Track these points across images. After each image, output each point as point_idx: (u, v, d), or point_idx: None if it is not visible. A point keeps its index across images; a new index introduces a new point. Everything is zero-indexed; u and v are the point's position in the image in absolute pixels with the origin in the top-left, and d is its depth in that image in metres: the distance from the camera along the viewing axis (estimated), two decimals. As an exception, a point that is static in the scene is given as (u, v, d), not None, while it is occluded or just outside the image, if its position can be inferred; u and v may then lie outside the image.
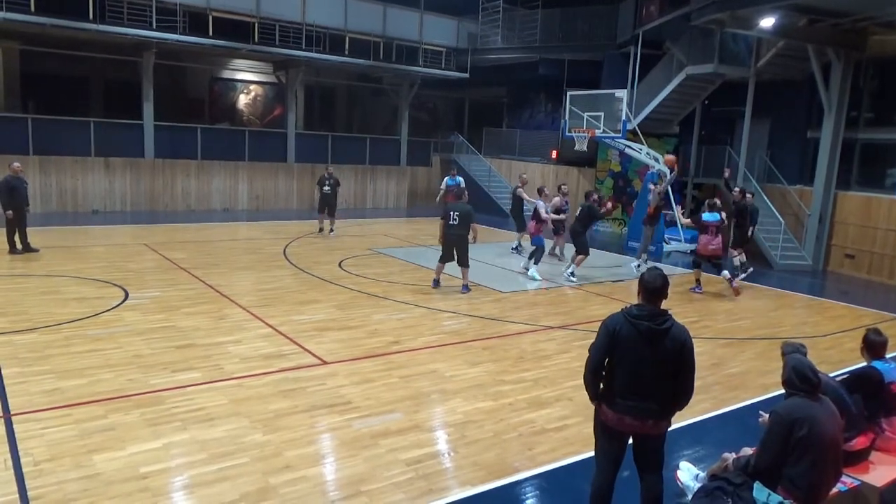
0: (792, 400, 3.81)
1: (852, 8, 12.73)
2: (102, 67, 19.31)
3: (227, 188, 19.52)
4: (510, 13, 21.84)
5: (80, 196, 17.06)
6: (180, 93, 21.43)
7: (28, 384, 5.87)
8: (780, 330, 9.57)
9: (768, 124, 17.21)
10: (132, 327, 7.72)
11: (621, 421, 3.79)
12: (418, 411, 5.85)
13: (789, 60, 15.59)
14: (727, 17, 13.29)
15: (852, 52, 14.16)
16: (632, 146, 17.09)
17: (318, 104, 25.08)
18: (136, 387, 5.98)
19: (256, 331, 7.89)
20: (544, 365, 7.30)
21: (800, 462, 3.67)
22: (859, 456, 4.43)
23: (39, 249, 11.60)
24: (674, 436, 4.63)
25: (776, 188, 16.38)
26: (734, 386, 7.06)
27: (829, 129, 14.50)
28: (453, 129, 26.20)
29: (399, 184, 23.29)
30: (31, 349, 6.78)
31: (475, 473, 4.81)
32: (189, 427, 5.22)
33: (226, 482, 4.46)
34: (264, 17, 17.88)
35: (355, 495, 4.41)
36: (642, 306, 3.80)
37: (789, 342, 4.44)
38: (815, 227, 15.10)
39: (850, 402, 4.43)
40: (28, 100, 18.78)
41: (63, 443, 4.85)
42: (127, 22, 15.95)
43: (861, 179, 15.31)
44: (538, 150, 22.87)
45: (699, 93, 17.92)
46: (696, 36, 16.50)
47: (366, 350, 7.42)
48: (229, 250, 13.24)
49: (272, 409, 5.68)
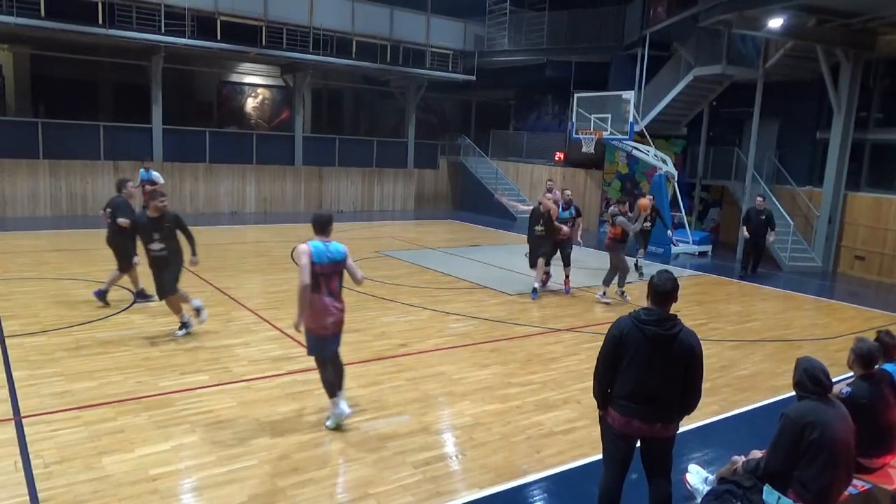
0: (803, 402, 3.78)
1: (861, 8, 12.65)
2: (111, 71, 19.42)
3: (235, 191, 19.60)
4: (517, 15, 21.83)
5: (89, 199, 17.15)
6: (189, 96, 21.53)
7: (38, 387, 5.91)
8: (789, 332, 9.52)
9: (777, 125, 17.13)
10: (141, 330, 7.75)
11: (629, 424, 3.77)
12: (426, 414, 5.85)
13: (798, 61, 15.50)
14: (735, 17, 13.23)
15: (861, 53, 14.08)
16: (639, 148, 17.05)
17: (326, 107, 25.14)
18: (146, 389, 6.00)
19: (264, 333, 7.91)
20: (552, 367, 7.28)
21: (811, 465, 3.64)
22: (879, 469, 4.39)
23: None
24: (683, 438, 4.61)
25: (785, 189, 16.30)
26: (744, 388, 7.02)
27: (839, 130, 14.41)
28: (460, 132, 26.21)
29: (406, 186, 23.31)
30: (41, 352, 6.82)
31: (483, 476, 4.80)
32: (198, 429, 5.23)
33: (234, 484, 4.47)
34: (272, 21, 17.95)
35: (363, 498, 4.41)
36: (651, 310, 3.78)
37: (864, 339, 4.48)
38: (824, 229, 15.01)
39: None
40: (38, 104, 18.90)
41: (73, 445, 4.87)
42: (136, 26, 16.06)
43: (871, 180, 15.21)
44: (545, 152, 22.85)
45: (707, 94, 17.85)
46: (703, 37, 16.44)
47: (373, 352, 7.43)
48: (237, 253, 13.28)
49: (280, 411, 5.69)
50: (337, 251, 5.24)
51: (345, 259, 5.30)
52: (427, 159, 23.99)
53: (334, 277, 5.27)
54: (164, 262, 7.43)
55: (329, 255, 5.20)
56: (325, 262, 5.18)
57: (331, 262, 5.20)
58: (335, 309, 5.27)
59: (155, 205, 7.42)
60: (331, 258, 5.20)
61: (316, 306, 5.18)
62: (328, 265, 5.20)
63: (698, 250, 16.43)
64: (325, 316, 5.22)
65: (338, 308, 5.31)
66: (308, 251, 5.10)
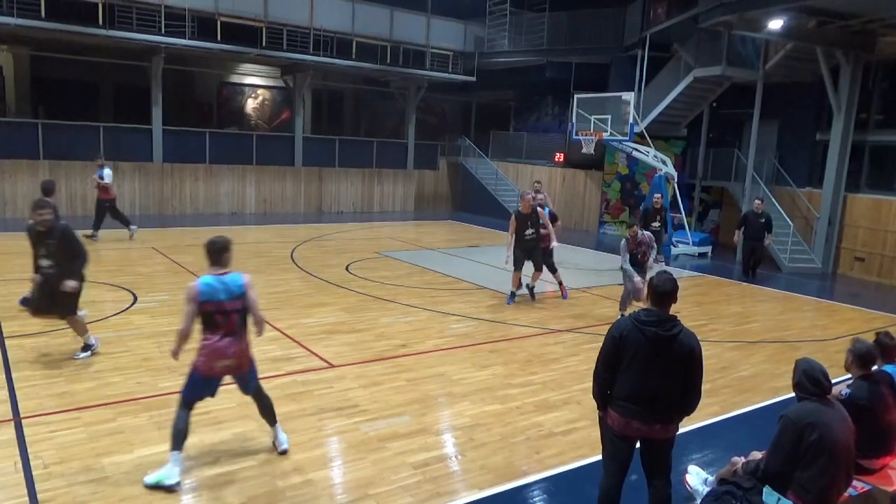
0: (803, 404, 3.78)
1: (861, 10, 12.66)
2: (112, 72, 19.43)
3: (235, 192, 19.60)
4: (517, 16, 21.84)
5: (89, 200, 17.08)
6: (189, 97, 21.53)
7: (38, 387, 5.91)
8: (789, 333, 9.52)
9: (777, 127, 17.14)
10: (141, 330, 7.75)
11: (628, 425, 3.77)
12: (426, 414, 5.85)
13: (798, 62, 15.51)
14: (735, 19, 13.25)
15: (861, 54, 14.09)
16: (639, 149, 17.06)
17: (326, 108, 25.14)
18: (145, 390, 6.00)
19: (264, 334, 7.88)
20: (552, 368, 7.28)
21: (811, 467, 3.64)
22: (879, 470, 4.39)
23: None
24: (683, 439, 4.61)
25: (785, 190, 16.30)
26: (744, 389, 7.02)
27: (839, 132, 14.42)
28: (460, 133, 26.22)
29: (406, 187, 23.31)
30: (40, 352, 6.82)
31: (483, 477, 4.80)
32: (197, 430, 5.22)
33: (234, 485, 4.47)
34: (272, 22, 17.96)
35: (363, 498, 4.41)
36: (651, 311, 3.78)
37: (861, 340, 4.48)
38: (824, 230, 15.01)
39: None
40: (38, 105, 18.91)
41: (72, 446, 4.87)
42: (136, 27, 16.06)
43: (871, 182, 15.22)
44: (545, 153, 22.85)
45: (707, 95, 17.87)
46: (703, 38, 16.46)
47: (373, 353, 7.43)
48: (237, 254, 13.14)
49: (280, 412, 5.65)
50: (235, 284, 4.56)
51: (244, 293, 4.59)
52: (427, 160, 23.99)
53: (233, 315, 4.56)
54: (56, 281, 6.35)
55: (227, 290, 4.52)
56: (222, 299, 4.50)
57: (229, 299, 4.53)
58: (232, 353, 4.58)
59: (37, 218, 6.27)
60: (229, 293, 4.53)
61: (207, 349, 4.55)
62: (226, 302, 4.51)
63: (698, 251, 16.43)
64: (216, 359, 4.57)
65: (234, 351, 4.59)
66: (194, 294, 4.46)
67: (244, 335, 4.70)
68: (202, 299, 4.47)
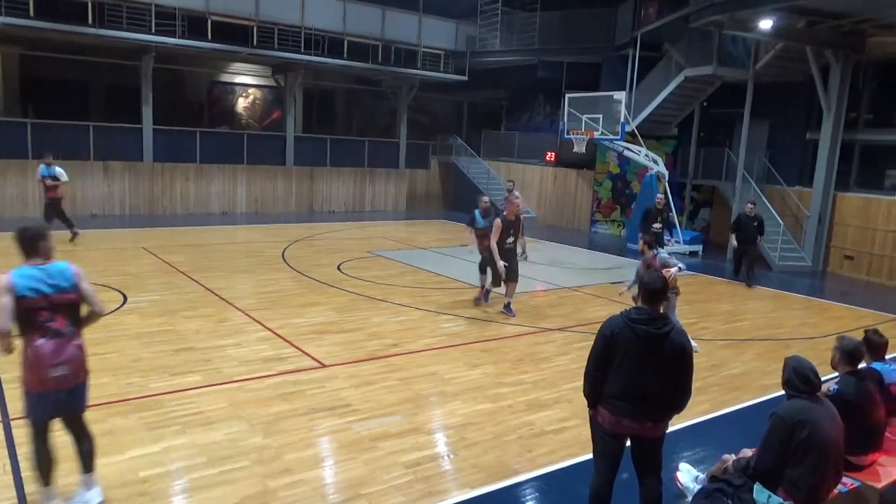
0: (793, 402, 3.81)
1: (851, 10, 12.74)
2: (102, 71, 19.29)
3: (226, 191, 19.52)
4: (509, 16, 21.86)
5: (78, 200, 17.04)
6: (179, 96, 21.42)
7: (27, 388, 5.85)
8: (779, 331, 9.57)
9: (767, 126, 17.23)
10: (131, 331, 7.71)
11: (620, 423, 3.78)
12: (418, 414, 5.85)
13: (788, 62, 15.60)
14: (726, 19, 13.30)
15: (851, 54, 14.17)
16: (631, 148, 17.12)
17: (317, 107, 25.08)
18: (136, 390, 5.97)
19: (256, 334, 7.88)
20: (543, 367, 7.29)
21: (801, 464, 3.66)
22: (868, 467, 4.42)
23: None
24: (673, 437, 4.62)
25: (775, 189, 16.39)
26: (734, 387, 7.05)
27: (829, 131, 14.51)
28: (452, 132, 26.22)
29: (398, 186, 23.29)
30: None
31: (475, 476, 4.81)
32: (188, 431, 5.21)
33: (225, 486, 4.45)
34: (263, 21, 17.89)
35: (355, 498, 4.41)
36: (642, 309, 3.80)
37: (847, 337, 4.50)
38: (814, 229, 15.11)
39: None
40: (28, 104, 18.76)
41: (61, 447, 4.82)
42: (126, 26, 15.96)
43: (860, 181, 15.33)
44: (537, 152, 22.88)
45: (698, 95, 17.95)
46: (694, 38, 16.53)
47: (365, 353, 7.42)
48: (228, 253, 13.23)
49: (272, 412, 5.67)
50: (60, 275, 3.85)
51: (75, 284, 3.90)
52: (419, 159, 23.97)
53: (60, 311, 3.83)
54: None
55: (49, 283, 3.80)
56: (46, 293, 3.77)
57: (54, 292, 3.81)
58: (65, 357, 3.83)
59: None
60: (53, 286, 3.81)
61: (30, 357, 3.78)
62: (52, 296, 3.79)
63: (689, 250, 16.49)
64: (45, 368, 3.77)
65: (69, 354, 3.85)
66: (7, 286, 3.69)
67: (77, 336, 3.97)
68: (18, 294, 3.71)
